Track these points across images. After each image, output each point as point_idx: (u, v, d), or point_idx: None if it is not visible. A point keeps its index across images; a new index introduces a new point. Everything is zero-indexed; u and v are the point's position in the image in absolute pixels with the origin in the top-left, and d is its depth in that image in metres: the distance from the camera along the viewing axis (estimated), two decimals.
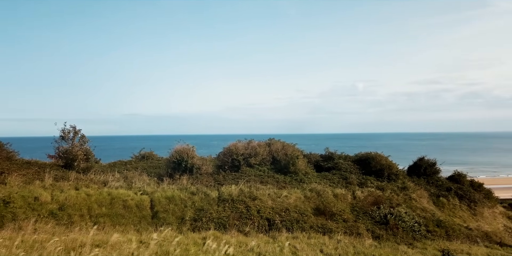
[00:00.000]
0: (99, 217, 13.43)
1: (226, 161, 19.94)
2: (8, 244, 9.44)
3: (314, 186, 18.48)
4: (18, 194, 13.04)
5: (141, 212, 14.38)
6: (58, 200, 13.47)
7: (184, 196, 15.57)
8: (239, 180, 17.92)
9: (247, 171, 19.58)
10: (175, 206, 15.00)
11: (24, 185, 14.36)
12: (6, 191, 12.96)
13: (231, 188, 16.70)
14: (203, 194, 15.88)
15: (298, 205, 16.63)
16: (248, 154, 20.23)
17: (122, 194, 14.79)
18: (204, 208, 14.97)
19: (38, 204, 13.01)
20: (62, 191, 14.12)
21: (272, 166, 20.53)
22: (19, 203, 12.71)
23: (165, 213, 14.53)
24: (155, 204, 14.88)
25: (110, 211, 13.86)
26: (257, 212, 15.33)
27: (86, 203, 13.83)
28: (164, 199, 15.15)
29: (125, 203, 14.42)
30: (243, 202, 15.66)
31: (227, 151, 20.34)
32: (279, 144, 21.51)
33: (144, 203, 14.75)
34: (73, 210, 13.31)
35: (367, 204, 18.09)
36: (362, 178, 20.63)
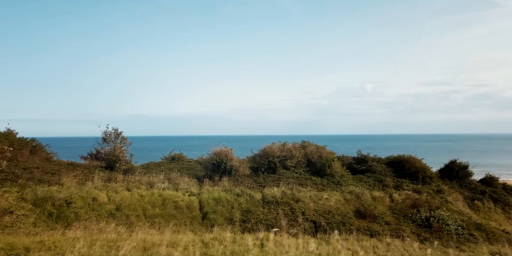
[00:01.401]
0: (153, 217, 13.80)
1: (263, 163, 20.23)
2: (84, 243, 9.81)
3: (352, 188, 18.69)
4: (78, 194, 13.45)
5: (192, 213, 14.73)
6: (115, 201, 13.87)
7: (230, 197, 15.88)
8: (279, 182, 18.19)
9: (284, 173, 19.86)
10: (222, 207, 15.31)
11: (78, 186, 14.79)
12: (67, 191, 13.37)
13: (273, 190, 16.98)
14: (247, 195, 16.18)
15: (339, 207, 16.86)
16: (283, 157, 20.51)
17: (172, 195, 15.15)
18: (251, 210, 15.26)
19: (97, 205, 13.41)
20: (116, 192, 14.51)
21: (307, 169, 20.78)
22: (80, 204, 13.13)
23: (214, 214, 14.85)
24: (204, 205, 15.22)
25: (163, 211, 14.22)
26: (302, 214, 15.60)
27: (140, 204, 14.22)
28: (212, 200, 15.48)
29: (176, 204, 14.78)
30: (287, 204, 15.93)
31: (263, 153, 20.62)
32: (313, 146, 21.76)
33: (193, 204, 15.10)
34: (129, 211, 13.70)
35: (406, 207, 18.26)
36: (397, 181, 20.79)
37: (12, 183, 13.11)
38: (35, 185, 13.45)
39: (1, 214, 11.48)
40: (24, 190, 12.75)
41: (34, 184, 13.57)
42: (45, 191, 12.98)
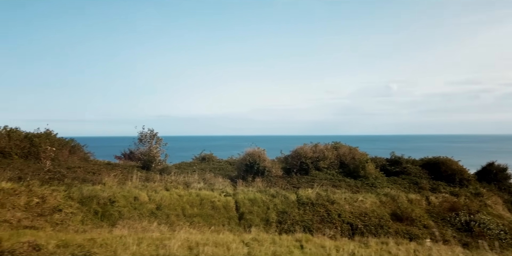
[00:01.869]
0: (192, 217, 14.06)
1: (295, 164, 20.22)
2: (133, 241, 10.11)
3: (388, 191, 18.41)
4: (120, 194, 13.88)
5: (228, 213, 14.91)
6: (155, 200, 14.22)
7: (265, 198, 15.98)
8: (313, 184, 18.14)
9: (316, 174, 19.78)
10: (258, 208, 15.42)
11: (119, 185, 15.25)
12: (110, 191, 13.83)
13: (308, 191, 16.95)
14: (282, 197, 16.22)
15: (375, 210, 16.64)
16: (316, 158, 20.42)
17: (208, 196, 15.39)
18: (286, 211, 15.30)
19: (139, 204, 13.80)
20: (155, 191, 14.88)
21: (340, 170, 20.62)
22: (122, 203, 13.55)
23: (250, 214, 14.98)
24: (240, 205, 15.37)
25: (201, 211, 14.47)
26: (338, 216, 15.50)
27: (179, 203, 14.52)
28: (248, 201, 15.62)
29: (213, 204, 15.00)
30: (323, 206, 15.88)
31: (295, 154, 20.61)
32: (345, 147, 21.57)
33: (229, 205, 15.28)
34: (169, 210, 14.02)
35: (443, 210, 17.82)
36: (433, 183, 20.32)
37: (59, 182, 13.68)
38: (80, 184, 13.98)
39: (51, 212, 12.01)
40: (70, 189, 13.28)
41: (79, 183, 14.11)
42: (90, 190, 13.48)
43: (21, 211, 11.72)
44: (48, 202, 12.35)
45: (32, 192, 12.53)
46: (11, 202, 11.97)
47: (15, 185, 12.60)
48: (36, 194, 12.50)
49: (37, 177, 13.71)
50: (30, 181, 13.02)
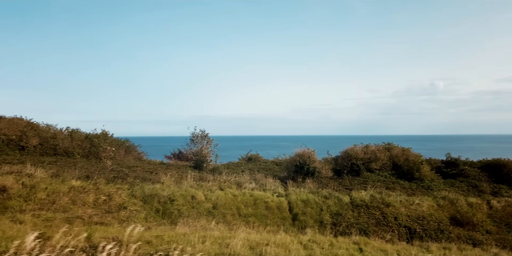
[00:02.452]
0: (247, 216, 14.27)
1: (345, 165, 19.92)
2: (197, 239, 10.43)
3: (445, 194, 17.63)
4: (178, 193, 14.37)
5: (282, 214, 14.97)
6: (211, 200, 14.59)
7: (318, 199, 15.87)
8: (366, 186, 17.77)
9: (369, 176, 19.36)
10: (311, 209, 15.35)
11: (176, 184, 15.80)
12: (169, 190, 14.37)
13: (361, 193, 16.63)
14: (335, 198, 16.03)
15: (433, 213, 16.00)
16: (367, 159, 19.98)
17: (262, 196, 15.54)
18: (340, 213, 15.11)
19: (196, 203, 14.21)
20: (211, 191, 15.26)
21: (393, 172, 20.04)
22: (181, 201, 14.02)
23: (303, 215, 14.95)
24: (293, 206, 15.38)
25: (255, 211, 14.64)
26: (394, 219, 15.08)
27: (234, 203, 14.79)
28: (300, 202, 15.60)
29: (267, 204, 15.13)
30: (378, 209, 15.51)
31: (345, 155, 20.30)
32: (398, 148, 20.92)
33: (283, 205, 15.34)
34: (224, 209, 14.32)
35: (507, 215, 16.78)
36: (494, 187, 19.19)
37: (123, 181, 14.40)
38: (141, 183, 14.63)
39: (117, 209, 12.67)
40: (133, 187, 13.94)
41: (141, 182, 14.77)
42: (151, 189, 14.08)
43: (90, 208, 12.48)
44: (114, 200, 13.05)
45: (99, 190, 13.30)
46: (81, 199, 12.77)
47: (84, 183, 13.43)
48: (103, 192, 13.25)
49: (102, 175, 14.52)
50: (97, 180, 13.81)
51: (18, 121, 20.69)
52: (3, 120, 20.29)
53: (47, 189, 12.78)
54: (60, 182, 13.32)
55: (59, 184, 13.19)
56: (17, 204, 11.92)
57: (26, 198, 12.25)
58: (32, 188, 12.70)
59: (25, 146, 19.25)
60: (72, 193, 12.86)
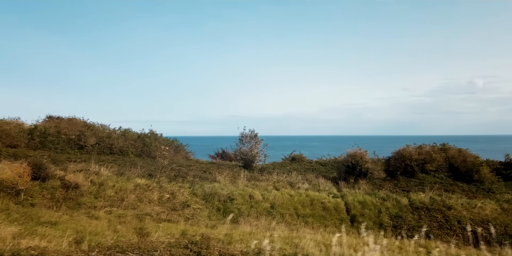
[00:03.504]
0: (305, 217, 14.20)
1: (398, 166, 19.39)
2: (262, 238, 10.47)
3: (509, 197, 16.76)
4: (237, 192, 14.52)
5: (339, 215, 14.79)
6: (268, 199, 14.64)
7: (375, 201, 15.55)
8: (422, 187, 17.23)
9: (424, 177, 18.75)
10: (369, 211, 15.06)
11: (231, 183, 15.97)
12: (228, 189, 14.55)
13: (420, 195, 16.13)
14: (393, 200, 15.64)
15: (497, 217, 15.25)
16: (422, 160, 19.36)
17: (318, 196, 15.42)
18: (401, 215, 14.72)
19: (254, 202, 14.31)
20: (267, 190, 15.32)
21: (449, 173, 19.30)
22: (240, 200, 14.16)
23: (361, 217, 14.69)
24: (350, 208, 15.15)
25: (313, 212, 14.55)
26: (458, 222, 14.52)
27: (291, 203, 14.77)
28: (358, 203, 15.34)
29: (324, 205, 15.00)
30: (439, 211, 14.99)
31: (398, 156, 19.77)
32: (454, 149, 20.12)
33: (340, 206, 15.15)
34: (282, 209, 14.33)
35: None
36: None
37: (184, 180, 14.74)
38: (200, 181, 14.91)
39: (182, 207, 12.97)
40: (194, 186, 14.23)
41: (200, 180, 15.05)
42: (210, 187, 14.32)
43: (156, 206, 12.85)
44: (177, 198, 13.37)
45: (163, 188, 13.68)
46: (146, 197, 13.19)
47: (148, 182, 13.86)
48: (166, 190, 13.62)
49: (164, 174, 14.92)
50: (160, 178, 14.21)
51: (76, 122, 21.68)
52: (63, 121, 21.33)
53: (114, 186, 13.30)
54: (126, 180, 13.82)
55: (124, 182, 13.69)
56: (88, 200, 12.47)
57: (96, 195, 12.80)
58: (101, 185, 13.25)
59: (83, 145, 20.14)
60: (138, 191, 13.30)
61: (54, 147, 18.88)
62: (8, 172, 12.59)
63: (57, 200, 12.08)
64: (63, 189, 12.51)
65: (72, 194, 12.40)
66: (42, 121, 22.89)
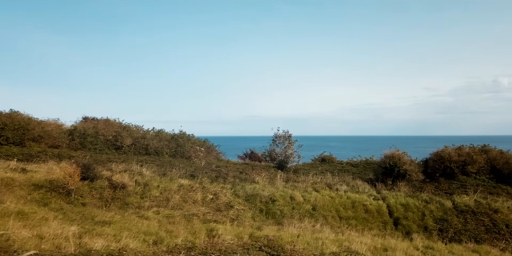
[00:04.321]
0: (348, 219, 14.01)
1: (437, 168, 18.92)
2: (312, 240, 10.37)
3: None
4: (278, 193, 14.47)
5: (382, 218, 14.52)
6: (309, 201, 14.52)
7: (418, 204, 15.22)
8: (465, 190, 16.76)
9: (465, 180, 18.24)
10: (412, 213, 14.74)
11: (270, 185, 15.93)
12: (269, 190, 14.51)
13: (464, 198, 15.69)
14: (437, 203, 15.26)
15: None
16: (462, 161, 18.83)
17: (358, 198, 15.20)
18: (446, 219, 14.34)
19: (296, 204, 14.22)
20: (306, 192, 15.21)
21: (491, 175, 18.71)
22: (282, 202, 14.10)
23: (405, 220, 14.39)
24: (393, 210, 14.87)
25: (355, 214, 14.35)
26: (506, 226, 14.05)
27: (332, 205, 14.61)
28: (400, 206, 15.04)
29: (365, 207, 14.77)
30: (486, 215, 14.54)
31: (436, 157, 19.30)
32: (495, 151, 19.51)
33: (382, 209, 14.88)
34: (324, 211, 14.18)
35: None
36: None
37: (225, 181, 14.79)
38: (241, 182, 14.93)
39: (226, 208, 13.01)
40: (235, 187, 14.26)
41: (240, 181, 15.08)
42: (252, 188, 14.31)
43: (201, 206, 12.93)
44: (220, 199, 13.42)
45: (206, 189, 13.76)
46: (191, 197, 13.29)
47: (191, 182, 13.97)
48: (209, 190, 13.69)
49: (205, 175, 15.01)
50: (202, 179, 14.30)
51: (112, 123, 22.10)
52: (100, 122, 21.79)
53: (159, 187, 13.46)
54: (169, 181, 13.97)
55: (168, 182, 13.84)
56: (135, 200, 12.66)
57: (142, 195, 12.98)
58: (146, 185, 13.43)
59: (120, 145, 20.50)
60: (182, 192, 13.43)
61: (93, 147, 19.29)
62: (58, 172, 12.94)
63: (106, 200, 12.32)
64: (110, 189, 12.76)
65: (119, 194, 12.62)
66: (79, 122, 23.47)
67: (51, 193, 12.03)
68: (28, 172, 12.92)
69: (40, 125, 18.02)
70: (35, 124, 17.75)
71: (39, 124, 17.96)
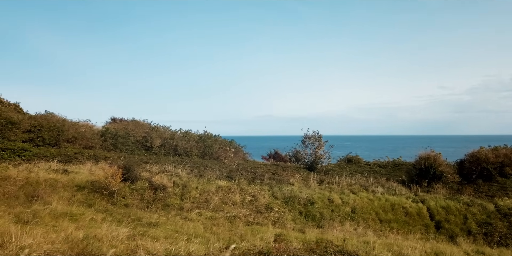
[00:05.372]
0: (388, 222, 13.72)
1: (474, 169, 18.42)
2: (360, 244, 10.14)
3: None
4: (315, 195, 14.27)
5: (423, 221, 14.18)
6: (348, 203, 14.28)
7: (459, 206, 14.81)
8: (507, 192, 16.26)
9: (504, 182, 17.71)
10: (454, 217, 14.35)
11: (304, 186, 15.73)
12: (306, 192, 14.32)
13: (506, 200, 15.21)
14: (479, 206, 14.82)
15: None
16: (499, 163, 18.29)
17: (398, 201, 14.88)
18: (490, 222, 13.91)
19: (334, 206, 14.00)
20: (343, 193, 14.96)
21: None
22: (320, 204, 13.89)
23: (447, 223, 14.01)
24: (433, 213, 14.50)
25: (395, 217, 14.04)
26: None
27: (371, 207, 14.33)
28: (441, 208, 14.66)
29: (405, 210, 14.44)
30: None
31: (472, 158, 18.80)
32: None
33: (422, 211, 14.53)
34: (363, 214, 13.92)
35: None
36: None
37: (261, 182, 14.66)
38: (277, 184, 14.78)
39: (266, 210, 12.87)
40: (272, 189, 14.11)
41: (277, 183, 14.93)
42: (289, 190, 14.14)
43: (240, 208, 12.82)
44: (259, 200, 13.30)
45: (244, 191, 13.65)
46: (230, 199, 13.20)
47: (229, 184, 13.89)
48: (247, 192, 13.58)
49: (241, 176, 14.91)
50: (239, 180, 14.20)
51: (142, 124, 22.22)
52: (130, 123, 21.92)
53: (197, 188, 13.41)
54: (206, 182, 13.92)
55: (206, 184, 13.78)
56: (175, 202, 12.63)
57: (182, 197, 12.95)
58: (184, 187, 13.40)
59: (150, 146, 20.58)
60: (221, 193, 13.35)
61: (125, 148, 19.41)
62: (99, 174, 13.01)
63: (147, 201, 12.32)
64: (151, 190, 12.76)
65: (160, 195, 12.61)
66: (107, 123, 23.69)
67: (94, 194, 12.09)
68: (70, 173, 13.03)
69: (74, 126, 18.21)
70: (69, 126, 17.94)
71: (73, 126, 18.16)
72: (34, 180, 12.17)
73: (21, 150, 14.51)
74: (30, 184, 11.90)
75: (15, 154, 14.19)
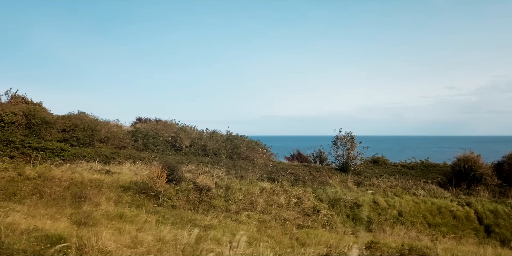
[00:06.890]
0: (437, 226, 13.32)
1: None
2: None
3: None
4: (360, 198, 13.90)
5: (472, 225, 13.76)
6: (394, 206, 13.89)
7: (507, 210, 14.37)
8: None
9: None
10: (503, 220, 13.91)
11: (345, 188, 15.36)
12: (351, 194, 13.95)
13: None
14: None
15: None
16: None
17: (444, 204, 14.48)
18: None
19: (381, 209, 13.62)
20: (387, 196, 14.58)
21: None
22: (366, 207, 13.51)
23: (497, 227, 13.57)
24: (482, 217, 14.07)
25: (443, 221, 13.63)
26: None
27: (418, 211, 13.93)
28: (489, 212, 14.23)
29: (453, 214, 14.03)
30: None
31: (511, 160, 18.28)
32: None
33: (470, 215, 14.10)
34: (411, 217, 13.53)
35: None
36: None
37: (304, 184, 14.32)
38: (320, 186, 14.43)
39: (313, 212, 12.52)
40: (316, 191, 13.77)
41: (319, 185, 14.58)
42: (333, 192, 13.79)
43: (286, 210, 12.49)
44: (304, 203, 12.96)
45: (288, 193, 13.32)
46: (275, 201, 12.87)
47: (272, 185, 13.57)
48: (291, 194, 13.25)
49: (284, 178, 14.58)
50: (282, 182, 13.87)
51: (170, 123, 21.97)
52: (160, 123, 21.69)
53: (241, 190, 13.10)
54: (249, 183, 13.60)
55: (248, 185, 13.47)
56: (221, 203, 12.34)
57: (226, 198, 12.66)
58: (227, 188, 13.10)
59: (180, 146, 20.31)
60: (265, 195, 13.03)
61: (155, 148, 19.17)
62: (144, 174, 12.77)
63: (193, 203, 12.05)
64: (196, 191, 12.49)
65: (205, 196, 12.34)
66: (133, 123, 23.49)
67: (139, 195, 11.84)
68: (113, 174, 12.79)
69: (106, 126, 18.01)
70: (102, 125, 17.74)
71: (105, 125, 17.95)
72: (78, 180, 11.96)
73: (60, 150, 14.32)
74: (75, 184, 11.69)
75: (54, 154, 14.00)
